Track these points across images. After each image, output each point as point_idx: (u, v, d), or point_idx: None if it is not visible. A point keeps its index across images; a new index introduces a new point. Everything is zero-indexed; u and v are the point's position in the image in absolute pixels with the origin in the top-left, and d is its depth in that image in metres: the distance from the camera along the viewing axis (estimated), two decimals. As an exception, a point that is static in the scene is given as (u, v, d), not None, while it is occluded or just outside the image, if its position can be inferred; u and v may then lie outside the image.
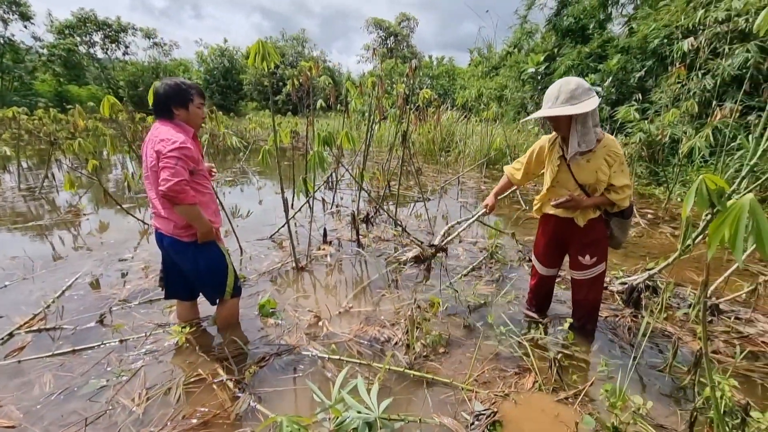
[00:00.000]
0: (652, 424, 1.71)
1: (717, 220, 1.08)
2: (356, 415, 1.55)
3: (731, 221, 1.04)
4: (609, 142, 2.05)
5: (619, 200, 2.05)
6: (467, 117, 11.58)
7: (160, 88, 1.96)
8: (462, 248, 3.91)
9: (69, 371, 2.01)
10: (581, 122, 2.01)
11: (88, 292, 2.88)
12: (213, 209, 2.16)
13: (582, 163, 2.09)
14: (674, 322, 2.59)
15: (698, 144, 4.09)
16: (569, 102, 1.97)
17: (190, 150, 1.90)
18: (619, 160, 2.02)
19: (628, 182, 2.03)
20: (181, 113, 2.00)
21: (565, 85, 1.99)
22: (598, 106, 1.98)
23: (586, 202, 2.11)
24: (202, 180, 2.07)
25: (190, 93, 2.01)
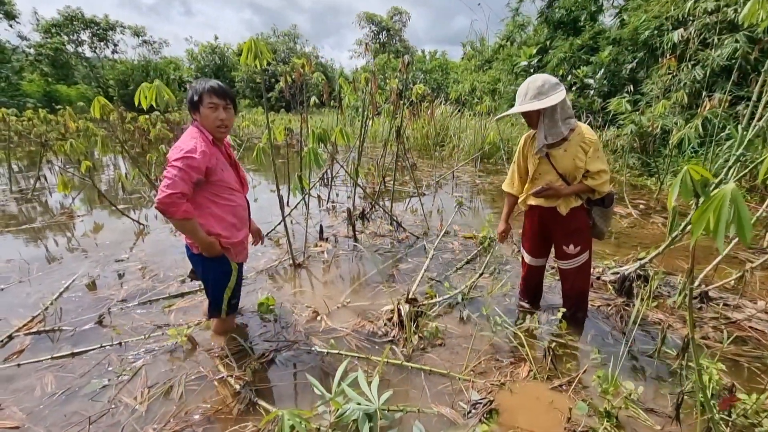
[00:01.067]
0: (643, 408, 1.77)
1: (700, 209, 1.12)
2: (356, 407, 1.58)
3: (714, 210, 1.08)
4: (583, 129, 2.13)
5: (597, 185, 2.12)
6: (461, 111, 11.59)
7: (191, 87, 1.94)
8: (457, 242, 3.95)
9: (70, 372, 2.03)
10: (548, 116, 2.12)
11: (86, 293, 2.89)
12: (228, 222, 2.01)
13: (560, 152, 2.16)
14: (665, 309, 2.65)
15: (688, 135, 4.15)
16: (536, 98, 2.09)
17: (194, 160, 1.78)
18: (594, 146, 2.09)
19: (604, 167, 2.10)
20: (197, 116, 1.92)
21: (532, 82, 2.11)
22: (564, 99, 2.08)
23: (566, 190, 2.18)
24: (219, 190, 1.95)
25: (200, 94, 1.87)
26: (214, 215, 1.96)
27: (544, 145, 2.17)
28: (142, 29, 36.98)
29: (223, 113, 1.92)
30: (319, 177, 5.78)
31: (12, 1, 27.11)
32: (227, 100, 1.93)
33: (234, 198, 2.02)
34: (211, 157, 1.86)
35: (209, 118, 1.89)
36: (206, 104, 1.87)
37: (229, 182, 1.97)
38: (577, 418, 1.70)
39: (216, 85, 1.91)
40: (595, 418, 1.71)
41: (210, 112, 1.88)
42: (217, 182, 1.92)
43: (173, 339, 2.16)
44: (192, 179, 1.80)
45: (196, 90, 1.89)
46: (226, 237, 2.00)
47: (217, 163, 1.90)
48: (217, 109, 1.90)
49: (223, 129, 1.95)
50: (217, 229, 1.97)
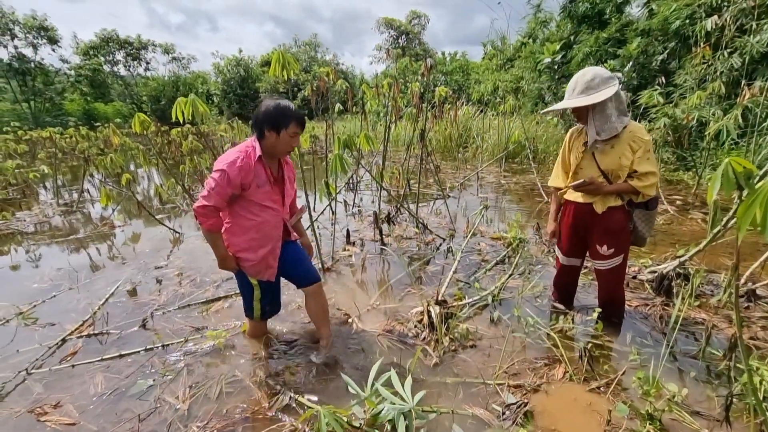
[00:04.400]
0: (688, 411, 1.70)
1: (746, 202, 1.08)
2: (392, 406, 1.60)
3: (761, 202, 1.04)
4: (634, 128, 2.04)
5: (643, 187, 2.02)
6: (483, 111, 11.48)
7: (264, 104, 1.91)
8: (484, 244, 3.91)
9: (117, 373, 2.14)
10: (598, 111, 2.05)
11: (129, 298, 3.04)
12: (250, 237, 2.00)
13: (606, 149, 2.10)
14: (708, 309, 2.53)
15: (726, 125, 3.95)
16: (585, 93, 2.05)
17: (230, 174, 1.82)
18: (645, 146, 2.00)
19: (652, 169, 2.00)
20: (271, 136, 1.91)
21: (581, 76, 2.07)
22: (617, 92, 1.99)
23: (607, 187, 2.11)
24: (248, 204, 1.96)
25: (288, 119, 1.89)
26: (239, 226, 1.99)
27: (595, 140, 2.11)
28: (172, 47, 38.60)
29: (297, 141, 2.01)
30: (345, 182, 5.86)
31: (54, 27, 28.92)
32: (302, 129, 2.01)
33: (263, 214, 1.99)
34: (249, 173, 1.88)
35: (285, 143, 1.93)
36: (290, 132, 1.91)
37: (261, 199, 1.96)
38: (617, 420, 1.65)
39: (302, 115, 1.96)
40: (636, 421, 1.66)
41: (289, 139, 1.93)
42: (249, 197, 1.94)
43: (210, 341, 2.25)
44: (227, 194, 1.87)
45: (281, 113, 1.88)
46: (243, 251, 2.02)
47: (254, 180, 1.91)
48: (295, 138, 1.97)
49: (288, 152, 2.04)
50: (237, 241, 2.01)
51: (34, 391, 2.01)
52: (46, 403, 1.91)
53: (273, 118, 1.88)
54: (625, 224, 2.17)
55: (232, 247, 2.04)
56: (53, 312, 2.85)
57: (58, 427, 1.77)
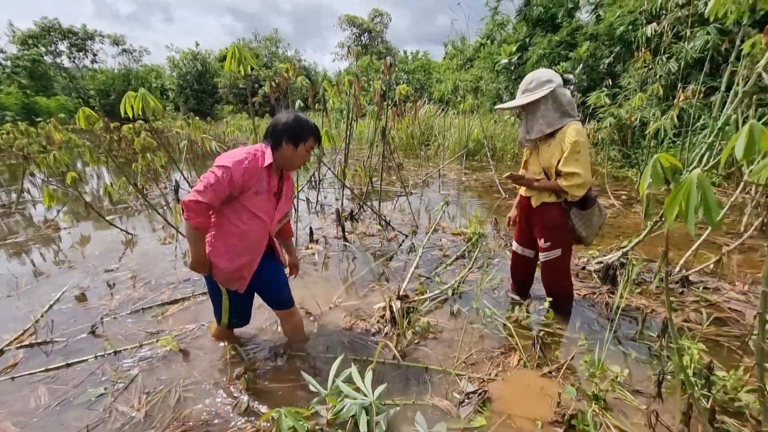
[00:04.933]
0: (629, 389, 1.84)
1: (671, 195, 1.18)
2: (352, 402, 1.62)
3: (683, 195, 1.15)
4: (568, 129, 2.13)
5: (567, 187, 2.13)
6: (444, 110, 11.70)
7: (284, 116, 1.86)
8: (446, 239, 4.01)
9: (63, 384, 2.02)
10: (530, 111, 2.23)
11: (77, 304, 2.87)
12: (231, 243, 1.89)
13: (544, 147, 2.24)
14: (647, 295, 2.74)
15: (664, 125, 4.28)
16: (523, 94, 2.22)
17: (234, 173, 1.74)
18: (572, 148, 2.07)
19: (577, 170, 2.08)
20: (288, 149, 1.85)
21: (525, 79, 2.23)
22: (555, 95, 2.13)
23: (536, 184, 2.25)
24: (240, 209, 1.86)
25: (307, 134, 1.87)
26: (223, 229, 1.90)
27: (524, 138, 2.28)
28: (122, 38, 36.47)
29: (309, 156, 1.98)
30: (306, 180, 5.80)
31: (-15, 13, 26.47)
32: (319, 144, 2.01)
33: (251, 223, 1.89)
34: (253, 176, 1.80)
35: (301, 157, 1.91)
36: (307, 146, 1.90)
37: (255, 207, 1.87)
38: (567, 402, 1.76)
39: (319, 130, 1.95)
40: (584, 402, 1.77)
41: (305, 153, 1.91)
42: (243, 202, 1.85)
43: (163, 347, 2.17)
44: (225, 193, 1.77)
45: (301, 127, 1.85)
46: (220, 256, 1.91)
47: (254, 186, 1.83)
48: (310, 152, 1.95)
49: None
50: (217, 244, 1.91)
51: (-33, 408, 1.86)
52: (-18, 420, 1.77)
53: (293, 130, 1.84)
54: (559, 221, 2.29)
55: (209, 249, 1.92)
56: (-11, 322, 2.63)
57: (-4, 445, 1.65)
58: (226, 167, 1.75)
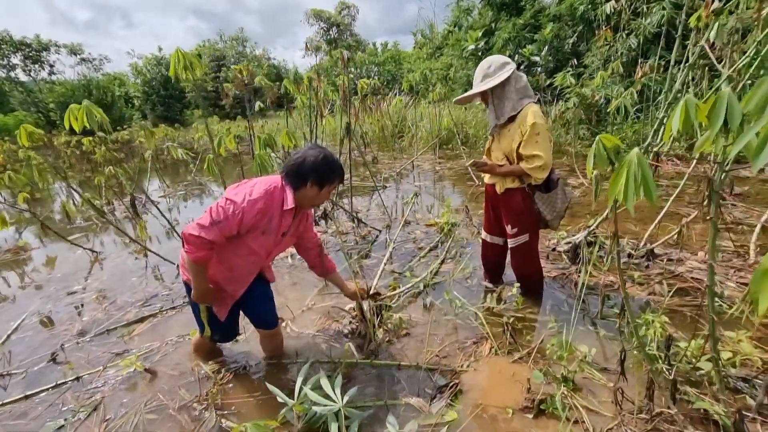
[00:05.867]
0: (597, 368, 1.86)
1: (613, 176, 1.18)
2: (321, 409, 1.59)
3: (623, 174, 1.14)
4: (527, 111, 2.14)
5: (530, 170, 2.14)
6: (415, 100, 11.67)
7: (312, 154, 1.72)
8: (419, 231, 3.99)
9: (21, 418, 1.92)
10: (496, 96, 2.19)
11: (38, 331, 2.74)
12: (220, 273, 1.81)
13: (504, 132, 2.23)
14: (616, 272, 2.78)
15: (624, 103, 4.36)
16: (483, 81, 2.17)
17: (247, 216, 1.64)
18: (531, 131, 2.09)
19: (537, 153, 2.09)
20: (313, 190, 1.74)
21: (481, 65, 2.20)
22: (516, 76, 2.11)
23: (499, 169, 2.25)
24: (240, 247, 1.76)
25: (335, 176, 1.78)
26: (224, 260, 1.79)
27: (495, 124, 2.25)
28: (79, 47, 35.11)
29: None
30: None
31: (-74, 29, 24.98)
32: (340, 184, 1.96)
33: (246, 258, 1.80)
34: (263, 218, 1.70)
35: (322, 197, 1.82)
36: (333, 187, 1.82)
37: (255, 245, 1.76)
38: (537, 386, 1.77)
39: (343, 169, 1.87)
40: (553, 385, 1.78)
41: (327, 194, 1.82)
42: (245, 239, 1.74)
43: (126, 369, 2.08)
44: (232, 232, 1.66)
45: (331, 169, 1.75)
46: (220, 286, 1.84)
47: (263, 226, 1.72)
48: (329, 196, 1.88)
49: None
50: (219, 275, 1.81)
51: None
52: (-69, 466, 1.67)
53: (322, 172, 1.72)
54: (524, 205, 2.29)
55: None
56: (-60, 359, 2.49)
57: (-54, 491, 1.56)
58: (238, 206, 1.62)
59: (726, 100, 1.03)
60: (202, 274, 1.72)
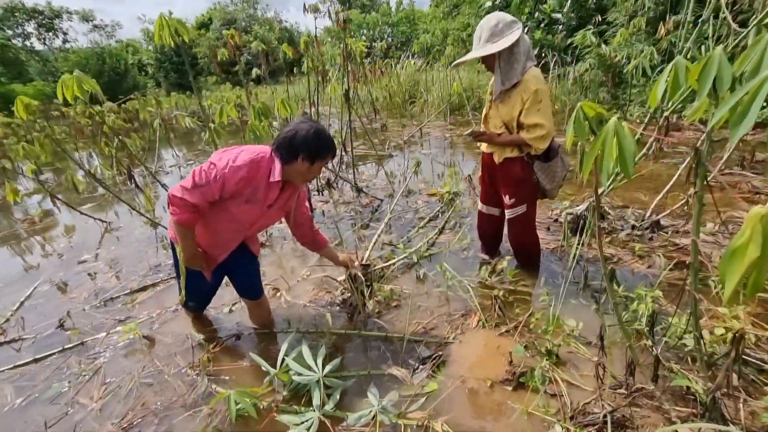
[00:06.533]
0: (584, 342, 1.83)
1: (591, 147, 1.10)
2: (301, 378, 1.63)
3: (599, 145, 1.06)
4: (528, 77, 2.02)
5: (530, 139, 2.04)
6: (428, 63, 11.22)
7: (304, 128, 1.68)
8: (421, 201, 3.94)
9: (31, 380, 2.04)
10: (504, 59, 2.02)
11: (49, 298, 2.87)
12: (201, 236, 1.82)
13: (505, 98, 2.10)
14: (617, 244, 2.70)
15: (642, 63, 4.06)
16: (490, 40, 1.99)
17: (230, 182, 1.64)
18: (533, 97, 1.97)
19: (540, 121, 1.99)
20: (303, 165, 1.71)
21: (486, 22, 2.00)
22: (522, 37, 1.96)
23: (498, 139, 2.13)
24: (222, 212, 1.76)
25: (327, 152, 1.74)
26: (209, 224, 1.81)
27: (500, 90, 2.08)
28: (91, 13, 34.81)
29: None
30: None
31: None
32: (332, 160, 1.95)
33: (228, 225, 1.82)
34: (246, 187, 1.69)
35: (313, 172, 1.79)
36: (324, 162, 1.80)
37: (237, 213, 1.77)
38: (519, 360, 1.76)
39: (335, 145, 1.84)
40: (537, 358, 1.77)
41: (318, 170, 1.80)
42: (228, 205, 1.75)
43: (126, 335, 2.17)
44: (213, 197, 1.66)
45: (324, 145, 1.71)
46: (204, 250, 1.88)
47: (246, 194, 1.72)
48: (320, 170, 1.85)
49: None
50: (203, 239, 1.85)
51: (-67, 413, 1.89)
52: (-52, 423, 1.81)
53: (314, 147, 1.69)
54: (523, 176, 2.20)
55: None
56: (-40, 324, 2.65)
57: (-40, 446, 1.69)
58: (219, 171, 1.62)
59: (717, 63, 0.93)
60: (190, 237, 1.75)
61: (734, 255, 0.77)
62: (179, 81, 31.46)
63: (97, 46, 31.18)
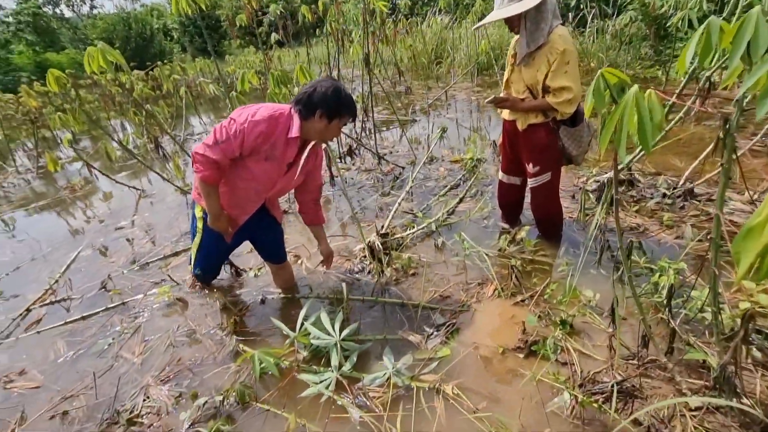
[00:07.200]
0: (599, 313, 1.83)
1: (609, 118, 1.04)
2: (319, 342, 1.72)
3: (618, 116, 1.01)
4: (554, 37, 1.91)
5: (557, 104, 1.94)
6: (457, 19, 10.63)
7: (324, 85, 1.69)
8: (443, 168, 3.89)
9: (79, 336, 2.25)
10: (531, 19, 1.91)
11: (92, 262, 3.09)
12: (236, 201, 1.87)
13: (529, 61, 2.00)
14: (645, 213, 2.60)
15: (690, 14, 3.70)
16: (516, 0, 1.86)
17: (249, 137, 1.65)
18: (561, 59, 1.87)
19: (567, 84, 1.89)
20: (321, 122, 1.71)
21: None
22: None
23: (522, 104, 2.05)
24: (242, 170, 1.78)
25: (346, 110, 1.74)
26: (229, 183, 1.84)
27: (526, 52, 1.97)
28: (115, -23, 34.55)
29: (338, 134, 1.92)
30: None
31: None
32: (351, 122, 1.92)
33: (248, 183, 1.83)
34: (265, 143, 1.70)
35: (332, 132, 1.81)
36: (342, 122, 1.79)
37: (257, 171, 1.78)
38: (532, 329, 1.78)
39: (356, 107, 1.83)
40: (550, 328, 1.79)
41: (337, 130, 1.81)
42: (247, 163, 1.76)
43: (161, 297, 2.33)
44: (234, 154, 1.69)
45: (342, 104, 1.71)
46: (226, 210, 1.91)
47: (265, 151, 1.72)
48: (339, 129, 1.85)
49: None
50: (224, 199, 1.86)
51: (0, 362, 2.13)
52: (12, 372, 2.04)
53: (332, 104, 1.69)
54: (548, 142, 2.12)
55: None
56: (17, 284, 2.91)
57: (24, 392, 1.91)
58: (239, 125, 1.64)
59: (753, 23, 0.84)
60: (214, 195, 1.78)
61: (749, 234, 0.74)
62: (204, 46, 31.26)
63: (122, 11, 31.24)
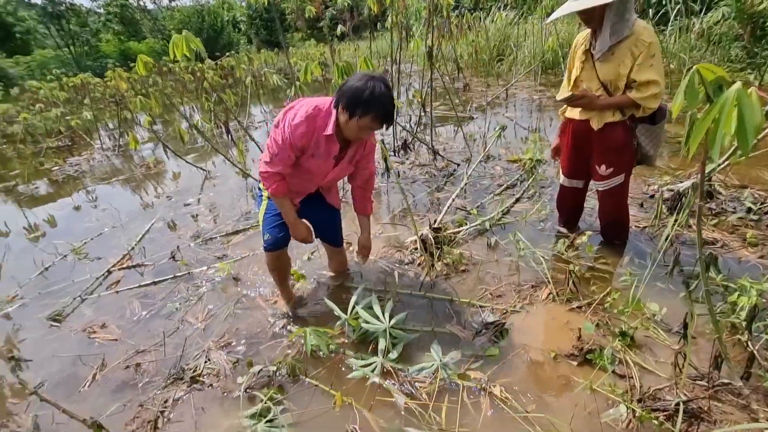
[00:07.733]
0: (665, 329, 1.71)
1: (702, 117, 0.97)
2: (368, 326, 1.76)
3: (714, 115, 0.93)
4: (639, 28, 1.79)
5: (642, 99, 1.82)
6: (523, 15, 10.23)
7: (355, 79, 1.60)
8: (500, 167, 3.79)
9: (151, 298, 2.48)
10: (615, 10, 1.80)
11: (162, 234, 3.37)
12: (291, 188, 1.91)
13: (607, 56, 1.89)
14: (725, 228, 2.38)
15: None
16: None
17: (294, 138, 1.69)
18: (647, 51, 1.76)
19: (654, 78, 1.77)
20: (343, 115, 1.62)
21: None
22: None
23: (602, 101, 1.93)
24: (300, 168, 1.84)
25: (367, 109, 1.56)
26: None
27: (605, 48, 1.87)
28: (193, -29, 36.87)
29: (369, 134, 1.76)
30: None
31: (75, -36, 28.40)
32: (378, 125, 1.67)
33: (300, 175, 1.88)
34: (309, 140, 1.73)
35: (352, 131, 1.66)
36: (362, 123, 1.60)
37: (307, 165, 1.82)
38: (588, 337, 1.71)
39: (387, 112, 1.61)
40: (608, 338, 1.71)
41: (358, 130, 1.64)
42: (299, 160, 1.81)
43: (222, 271, 2.50)
44: (291, 158, 1.75)
45: (365, 101, 1.55)
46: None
47: (311, 149, 1.76)
48: (366, 131, 1.67)
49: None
50: None
51: (85, 315, 2.40)
52: (95, 324, 2.29)
53: (354, 99, 1.56)
54: (625, 142, 2.00)
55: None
56: (100, 248, 3.24)
57: (105, 342, 2.14)
58: (285, 133, 1.70)
59: None
60: (288, 205, 1.87)
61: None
62: (268, 38, 32.58)
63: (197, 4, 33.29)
